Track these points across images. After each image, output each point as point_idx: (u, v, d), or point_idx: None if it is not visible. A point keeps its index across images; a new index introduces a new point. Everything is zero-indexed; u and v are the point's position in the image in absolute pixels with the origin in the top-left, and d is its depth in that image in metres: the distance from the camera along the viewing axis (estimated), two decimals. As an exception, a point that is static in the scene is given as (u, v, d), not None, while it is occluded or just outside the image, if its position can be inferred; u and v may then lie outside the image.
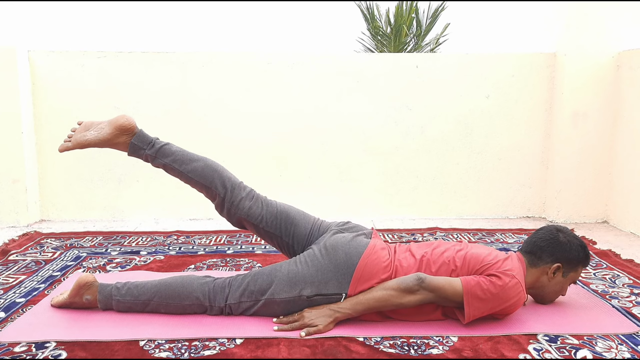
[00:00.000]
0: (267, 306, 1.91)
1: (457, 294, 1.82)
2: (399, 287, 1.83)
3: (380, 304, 1.85)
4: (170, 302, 1.95)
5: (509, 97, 3.57)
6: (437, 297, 1.84)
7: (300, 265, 1.92)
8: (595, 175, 3.48)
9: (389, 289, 1.84)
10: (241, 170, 3.58)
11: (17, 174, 3.36)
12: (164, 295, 1.95)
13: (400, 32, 5.70)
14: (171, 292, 1.95)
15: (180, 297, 1.94)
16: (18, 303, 2.10)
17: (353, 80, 3.55)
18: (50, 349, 1.72)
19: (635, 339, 1.81)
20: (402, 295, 1.83)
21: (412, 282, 1.82)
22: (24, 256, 2.71)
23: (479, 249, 1.96)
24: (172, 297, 1.95)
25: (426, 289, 1.82)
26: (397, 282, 1.84)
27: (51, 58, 3.44)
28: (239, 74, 3.51)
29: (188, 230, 3.24)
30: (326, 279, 1.88)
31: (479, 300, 1.82)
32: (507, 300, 1.83)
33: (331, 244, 1.95)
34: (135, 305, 1.97)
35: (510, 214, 3.68)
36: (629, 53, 3.29)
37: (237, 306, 1.93)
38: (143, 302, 1.96)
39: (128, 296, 1.97)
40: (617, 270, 2.51)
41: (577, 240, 2.00)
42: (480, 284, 1.82)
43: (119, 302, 1.97)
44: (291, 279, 1.89)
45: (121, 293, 1.98)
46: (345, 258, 1.90)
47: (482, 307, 1.83)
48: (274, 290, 1.89)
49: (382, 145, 3.61)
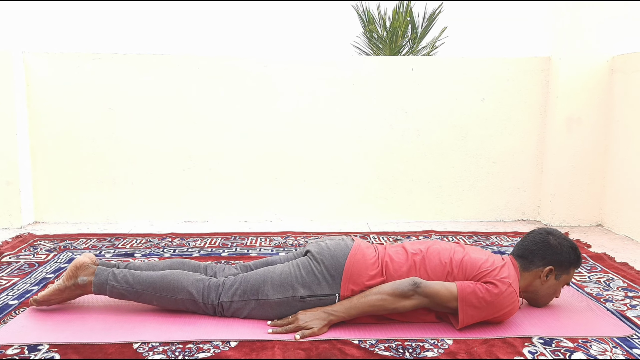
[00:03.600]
0: (260, 307, 1.91)
1: (452, 301, 1.82)
2: (394, 292, 1.83)
3: (374, 309, 1.85)
4: (163, 295, 1.94)
5: (504, 101, 3.58)
6: (432, 303, 1.84)
7: (292, 268, 1.94)
8: (590, 178, 3.49)
9: (384, 293, 1.84)
10: (236, 173, 3.59)
11: (11, 175, 3.34)
12: (158, 287, 1.94)
13: (396, 36, 5.71)
14: (166, 284, 1.94)
15: (174, 291, 1.93)
16: (11, 305, 2.09)
17: (348, 84, 3.55)
18: (43, 352, 1.70)
19: (629, 342, 1.81)
20: (396, 300, 1.83)
21: (407, 287, 1.82)
22: (17, 258, 2.69)
23: (476, 253, 1.96)
24: (166, 289, 1.94)
25: (421, 294, 1.82)
26: (392, 286, 1.84)
27: (46, 59, 3.43)
28: (235, 76, 3.51)
29: (183, 233, 3.23)
30: (317, 282, 1.90)
31: (474, 308, 1.82)
32: (502, 308, 1.84)
33: (317, 250, 1.97)
34: (128, 293, 1.96)
35: (505, 217, 3.68)
36: (623, 57, 3.30)
37: (229, 305, 1.93)
38: (137, 291, 1.95)
39: (123, 283, 1.96)
40: (611, 274, 2.52)
41: (567, 242, 2.00)
42: (476, 291, 1.82)
43: (113, 288, 1.96)
44: (284, 279, 1.90)
45: (117, 279, 1.96)
46: (332, 261, 1.92)
47: (476, 315, 1.84)
48: (267, 291, 1.89)
49: (377, 149, 3.61)
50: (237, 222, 3.59)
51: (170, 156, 3.54)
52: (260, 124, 3.55)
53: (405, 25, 5.72)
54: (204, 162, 3.56)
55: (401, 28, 5.67)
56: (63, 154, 3.49)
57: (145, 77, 3.47)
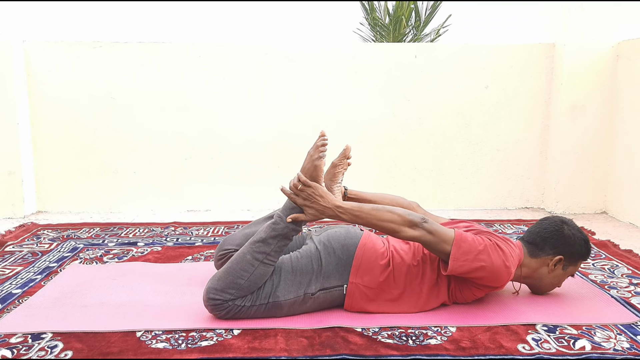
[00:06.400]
0: (272, 308, 1.84)
1: (449, 241, 1.80)
2: (405, 218, 1.81)
3: (380, 225, 1.81)
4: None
5: (507, 89, 3.56)
6: (432, 241, 1.80)
7: (299, 262, 1.89)
8: (594, 166, 3.47)
9: (396, 214, 1.81)
10: (238, 162, 3.58)
11: (13, 165, 3.34)
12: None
13: (399, 23, 5.67)
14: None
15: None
16: (14, 294, 2.09)
17: (350, 71, 3.52)
18: (47, 340, 1.71)
19: (634, 329, 1.80)
20: (403, 225, 1.81)
21: (417, 219, 1.81)
22: (21, 247, 2.70)
23: (479, 227, 1.98)
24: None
25: (426, 229, 1.80)
26: (405, 212, 1.83)
27: (46, 49, 3.41)
28: (236, 65, 3.49)
29: (185, 222, 3.23)
30: (327, 272, 1.88)
31: (464, 252, 1.79)
32: (491, 264, 1.78)
33: (326, 237, 1.95)
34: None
35: (508, 205, 3.67)
36: (628, 43, 3.27)
37: (249, 309, 1.83)
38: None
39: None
40: (616, 261, 2.51)
41: (580, 234, 1.99)
42: (473, 237, 1.82)
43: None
44: (294, 277, 1.86)
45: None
46: (342, 249, 1.91)
47: (466, 254, 1.78)
48: (279, 293, 1.84)
49: (379, 137, 3.59)
50: (240, 210, 3.58)
51: (173, 145, 3.53)
52: (262, 111, 3.54)
53: (408, 12, 5.67)
54: (206, 151, 3.55)
55: (404, 15, 5.62)
56: (65, 143, 3.49)
57: (146, 66, 3.46)
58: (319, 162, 1.86)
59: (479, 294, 1.94)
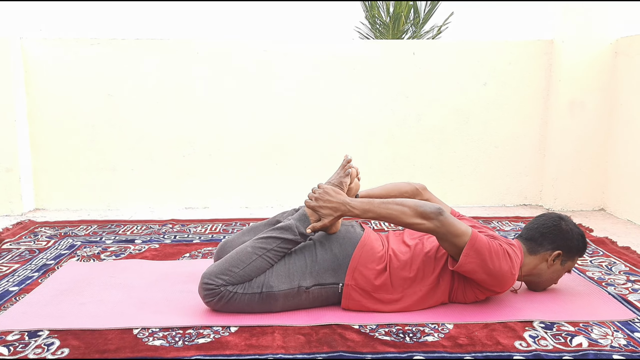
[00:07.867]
0: (266, 299, 1.85)
1: (464, 236, 1.78)
2: (416, 209, 1.79)
3: (391, 218, 1.81)
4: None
5: (506, 85, 3.55)
6: (444, 234, 1.78)
7: (294, 253, 1.90)
8: (592, 163, 3.46)
9: (406, 206, 1.80)
10: (236, 159, 3.57)
11: (11, 162, 3.33)
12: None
13: (398, 21, 5.65)
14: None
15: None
16: (11, 292, 2.09)
17: (349, 68, 3.52)
18: (43, 338, 1.70)
19: (631, 326, 1.80)
20: (415, 217, 1.78)
21: (431, 210, 1.78)
22: (18, 245, 2.69)
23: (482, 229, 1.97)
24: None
25: (441, 221, 1.77)
26: (417, 204, 1.81)
27: (44, 45, 3.40)
28: (235, 61, 3.48)
29: (183, 219, 3.23)
30: (322, 267, 1.88)
31: (477, 253, 1.78)
32: (500, 268, 1.79)
33: (325, 235, 1.95)
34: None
35: (507, 202, 3.67)
36: (627, 40, 3.26)
37: (241, 296, 1.85)
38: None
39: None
40: (613, 258, 2.51)
41: (577, 229, 2.00)
42: (488, 241, 1.81)
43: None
44: (288, 269, 1.87)
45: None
46: (340, 249, 1.91)
47: (474, 263, 1.78)
48: (273, 283, 1.85)
49: (378, 133, 3.59)
50: (238, 208, 3.58)
51: (171, 142, 3.53)
52: (260, 109, 3.53)
53: (407, 9, 5.66)
54: (205, 148, 3.54)
55: (404, 12, 5.61)
56: (63, 140, 3.48)
57: (144, 63, 3.45)
58: (345, 179, 2.00)
59: (481, 297, 1.94)
